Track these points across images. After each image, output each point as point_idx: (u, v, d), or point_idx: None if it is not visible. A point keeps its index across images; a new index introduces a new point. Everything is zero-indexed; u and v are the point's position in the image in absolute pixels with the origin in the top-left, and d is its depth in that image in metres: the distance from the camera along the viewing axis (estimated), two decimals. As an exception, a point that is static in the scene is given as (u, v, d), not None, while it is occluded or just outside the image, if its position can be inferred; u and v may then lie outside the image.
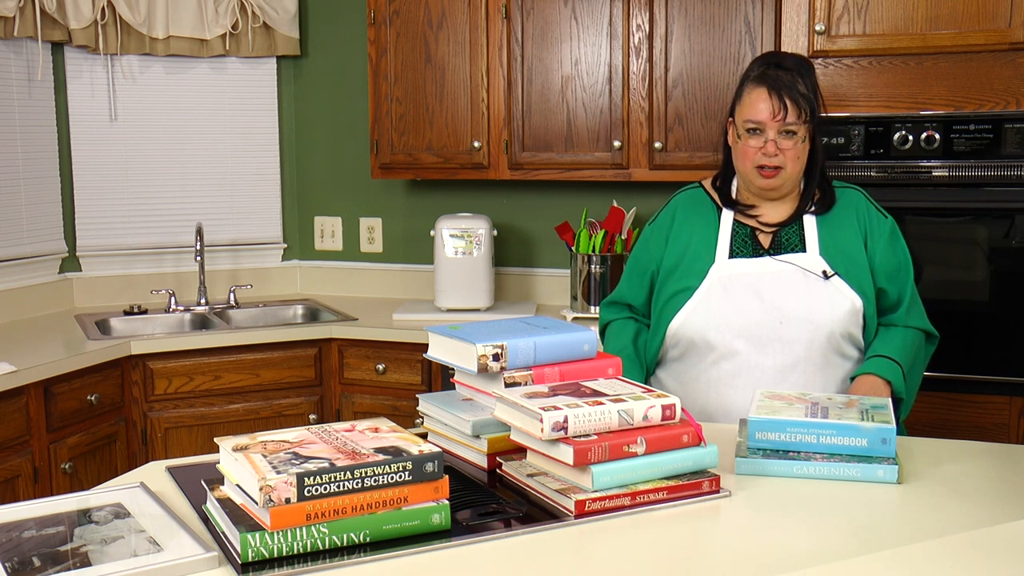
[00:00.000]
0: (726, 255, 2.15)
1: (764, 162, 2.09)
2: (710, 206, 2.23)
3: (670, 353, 2.22)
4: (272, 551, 1.32)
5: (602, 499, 1.50)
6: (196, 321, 3.74)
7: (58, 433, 2.92)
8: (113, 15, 3.70)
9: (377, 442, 1.46)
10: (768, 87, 2.08)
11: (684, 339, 2.16)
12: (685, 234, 2.21)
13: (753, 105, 2.09)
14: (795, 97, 2.06)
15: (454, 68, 3.55)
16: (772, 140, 2.07)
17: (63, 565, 1.30)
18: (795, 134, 2.07)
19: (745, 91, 2.14)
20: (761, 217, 2.17)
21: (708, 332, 2.12)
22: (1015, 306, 2.74)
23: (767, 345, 2.09)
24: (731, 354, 2.11)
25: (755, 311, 2.10)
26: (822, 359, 2.09)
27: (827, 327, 2.08)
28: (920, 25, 2.76)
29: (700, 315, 2.13)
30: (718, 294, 2.13)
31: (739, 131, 2.13)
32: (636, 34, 3.34)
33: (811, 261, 2.11)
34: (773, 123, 2.07)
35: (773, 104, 2.06)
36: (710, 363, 2.13)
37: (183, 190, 3.99)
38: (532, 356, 1.68)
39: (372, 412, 3.37)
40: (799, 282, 2.10)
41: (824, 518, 1.51)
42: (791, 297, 2.09)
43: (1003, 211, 2.73)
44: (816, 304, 2.08)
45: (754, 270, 2.12)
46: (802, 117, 2.07)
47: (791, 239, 2.14)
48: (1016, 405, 2.76)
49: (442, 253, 3.60)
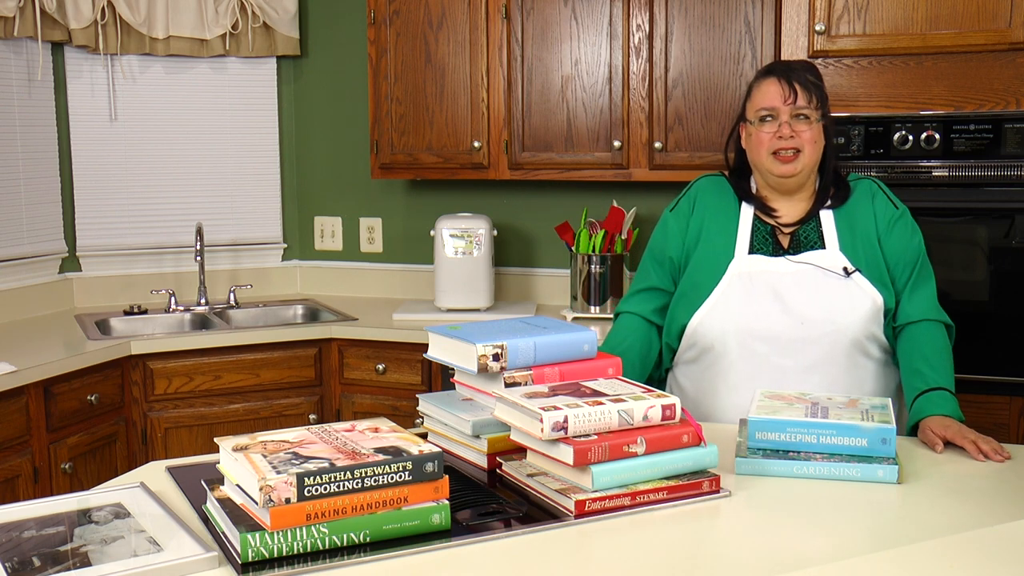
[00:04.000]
0: (746, 250, 2.13)
1: (780, 145, 2.07)
2: (732, 196, 2.20)
3: (686, 355, 2.18)
4: (272, 551, 1.32)
5: (602, 499, 1.50)
6: (196, 321, 3.73)
7: (58, 433, 2.92)
8: (113, 15, 3.70)
9: (377, 442, 1.46)
10: (776, 74, 2.11)
11: (702, 339, 2.12)
12: (705, 221, 2.18)
13: (764, 93, 2.11)
14: (804, 81, 2.09)
15: (454, 68, 3.55)
16: (786, 123, 2.07)
17: (63, 565, 1.30)
18: (808, 118, 2.07)
19: (754, 86, 2.15)
20: (780, 217, 2.14)
21: (727, 333, 2.09)
22: (1015, 306, 2.74)
23: (788, 346, 2.06)
24: (751, 356, 2.08)
25: (775, 312, 2.07)
26: (846, 360, 2.06)
27: (850, 329, 2.05)
28: (920, 25, 2.76)
29: (719, 315, 2.10)
30: (737, 293, 2.10)
31: (753, 124, 2.12)
32: (636, 34, 3.33)
33: (831, 259, 2.08)
34: (785, 107, 2.07)
35: (783, 88, 2.08)
36: (728, 365, 2.10)
37: (183, 190, 3.98)
38: (532, 356, 1.68)
39: (372, 412, 3.37)
40: (819, 281, 2.07)
41: (824, 518, 1.51)
42: (812, 299, 2.06)
43: (1003, 211, 2.73)
44: (837, 305, 2.05)
45: (773, 269, 2.09)
46: (813, 103, 2.08)
47: (810, 236, 2.12)
48: (1016, 405, 2.76)
49: (442, 253, 3.60)
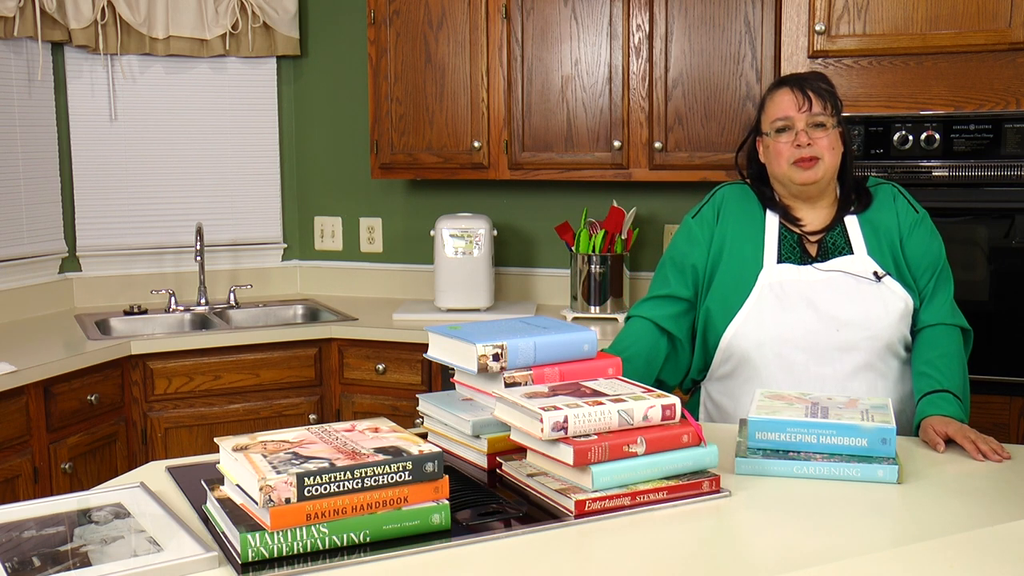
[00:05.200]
0: (774, 259, 2.10)
1: (799, 155, 2.06)
2: (756, 205, 2.18)
3: (720, 370, 2.15)
4: (272, 551, 1.32)
5: (602, 499, 1.50)
6: (196, 321, 3.73)
7: (58, 433, 2.92)
8: (113, 15, 3.70)
9: (377, 442, 1.46)
10: (790, 84, 2.11)
11: (737, 352, 2.09)
12: (731, 230, 2.15)
13: (777, 104, 2.10)
14: (817, 89, 2.08)
15: (454, 68, 3.54)
16: (803, 131, 2.06)
17: (63, 565, 1.30)
18: (824, 126, 2.07)
19: (767, 99, 2.15)
20: (805, 226, 2.12)
21: (763, 344, 2.06)
22: (1015, 306, 2.74)
23: (825, 354, 2.04)
24: (789, 367, 2.05)
25: (810, 320, 2.04)
26: (882, 364, 2.05)
27: (885, 333, 2.03)
28: (920, 25, 2.76)
29: (753, 326, 2.07)
30: (770, 303, 2.07)
31: (769, 135, 2.11)
32: (636, 34, 3.33)
33: (861, 264, 2.07)
34: (800, 115, 2.07)
35: (797, 97, 2.08)
36: (767, 377, 2.07)
37: (183, 190, 3.98)
38: (532, 356, 1.68)
39: (372, 412, 3.37)
40: (851, 287, 2.05)
41: (824, 518, 1.51)
42: (845, 303, 2.04)
43: (1003, 211, 2.73)
44: (872, 309, 2.03)
45: (804, 278, 2.07)
46: (828, 109, 2.07)
47: (837, 243, 2.10)
48: (1016, 405, 2.76)
49: (442, 253, 3.60)
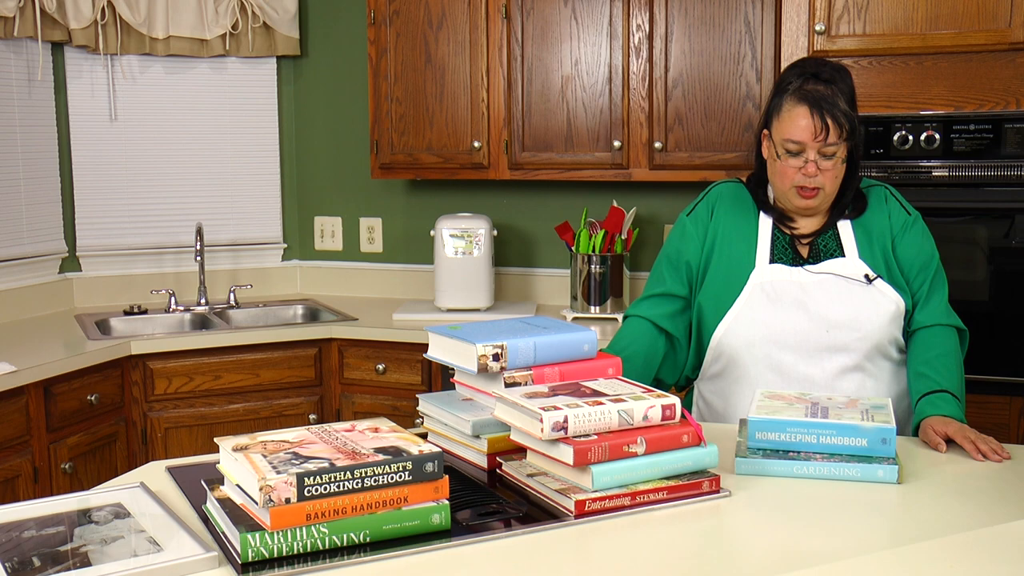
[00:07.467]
0: (767, 260, 2.10)
1: (803, 183, 2.02)
2: (750, 205, 2.17)
3: (711, 369, 2.16)
4: (272, 551, 1.32)
5: (602, 499, 1.50)
6: (196, 321, 3.73)
7: (58, 433, 2.92)
8: (113, 15, 3.70)
9: (377, 442, 1.46)
10: (809, 105, 1.99)
11: (727, 351, 2.10)
12: (724, 228, 2.15)
13: (794, 123, 2.00)
14: (836, 116, 1.97)
15: (454, 68, 3.54)
16: (813, 161, 2.00)
17: (63, 565, 1.30)
18: (835, 155, 2.01)
19: (785, 106, 2.03)
20: (797, 229, 2.12)
21: (753, 344, 2.07)
22: (1015, 306, 2.74)
23: (814, 355, 2.04)
24: (777, 367, 2.06)
25: (800, 320, 2.04)
26: (872, 365, 2.06)
27: (875, 334, 2.03)
28: (920, 25, 2.76)
29: (743, 325, 2.07)
30: (760, 303, 2.07)
31: (777, 149, 2.04)
32: (636, 34, 3.33)
33: (852, 267, 2.06)
34: (815, 143, 1.98)
35: (815, 124, 1.98)
36: (755, 376, 2.07)
37: (183, 190, 3.98)
38: (532, 356, 1.68)
39: (372, 412, 3.37)
40: (842, 289, 2.05)
41: (824, 518, 1.51)
42: (836, 304, 2.04)
43: (1003, 211, 2.73)
44: (862, 310, 2.03)
45: (795, 279, 2.07)
46: (843, 136, 1.99)
47: (829, 245, 2.10)
48: (1016, 405, 2.76)
49: (442, 253, 3.60)
